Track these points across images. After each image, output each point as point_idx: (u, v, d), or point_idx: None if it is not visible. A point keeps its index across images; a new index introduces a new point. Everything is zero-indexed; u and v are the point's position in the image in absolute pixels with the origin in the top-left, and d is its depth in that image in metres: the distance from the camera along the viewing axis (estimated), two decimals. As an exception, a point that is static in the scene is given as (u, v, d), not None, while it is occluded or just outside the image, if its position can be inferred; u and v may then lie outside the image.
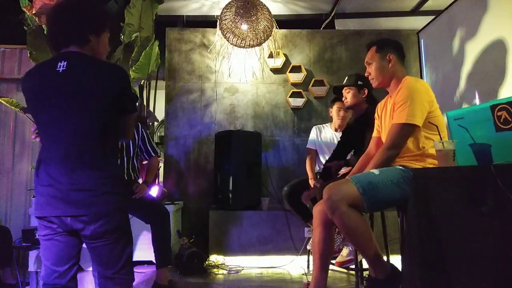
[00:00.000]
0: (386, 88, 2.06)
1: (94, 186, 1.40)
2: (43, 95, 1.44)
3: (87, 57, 1.49)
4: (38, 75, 1.48)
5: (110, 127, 1.49)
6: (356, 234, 1.73)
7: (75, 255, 1.48)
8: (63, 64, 1.43)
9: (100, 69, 1.48)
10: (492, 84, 2.84)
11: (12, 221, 4.13)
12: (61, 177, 1.38)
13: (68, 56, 1.46)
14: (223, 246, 3.27)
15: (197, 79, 4.04)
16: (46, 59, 1.59)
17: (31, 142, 4.29)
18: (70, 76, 1.42)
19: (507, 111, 1.27)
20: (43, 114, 1.45)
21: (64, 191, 1.37)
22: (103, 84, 1.45)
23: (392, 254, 2.29)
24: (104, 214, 1.39)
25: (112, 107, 1.46)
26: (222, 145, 3.49)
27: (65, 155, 1.40)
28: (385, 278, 1.78)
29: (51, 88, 1.43)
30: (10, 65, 4.33)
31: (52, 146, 1.43)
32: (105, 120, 1.45)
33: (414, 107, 1.79)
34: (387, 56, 1.98)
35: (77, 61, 1.46)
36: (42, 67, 1.52)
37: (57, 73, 1.42)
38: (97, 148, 1.43)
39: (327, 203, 1.70)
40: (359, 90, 2.64)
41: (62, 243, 1.44)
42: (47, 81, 1.44)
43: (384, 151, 1.84)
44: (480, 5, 2.98)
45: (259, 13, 3.55)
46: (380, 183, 1.71)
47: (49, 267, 1.45)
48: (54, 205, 1.38)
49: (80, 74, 1.44)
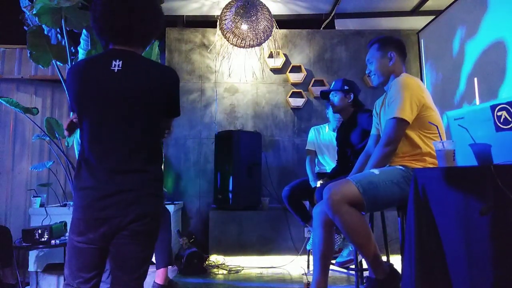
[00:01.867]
0: (385, 86, 2.06)
1: (140, 187, 1.37)
2: (94, 93, 1.38)
3: (141, 57, 1.45)
4: (90, 72, 1.41)
5: (158, 129, 1.47)
6: (356, 233, 1.73)
7: (101, 265, 1.44)
8: (118, 64, 1.38)
9: (155, 71, 1.43)
10: (492, 84, 2.84)
11: (12, 221, 4.13)
12: (107, 179, 1.34)
13: (123, 55, 1.41)
14: (223, 246, 3.27)
15: (197, 79, 4.04)
16: (92, 54, 1.52)
17: (31, 142, 4.29)
18: (125, 77, 1.37)
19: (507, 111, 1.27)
20: (92, 113, 1.39)
21: (109, 193, 1.33)
22: (158, 87, 1.41)
23: (392, 254, 2.29)
24: (146, 215, 1.37)
25: (162, 110, 1.44)
26: (222, 145, 3.49)
27: (113, 157, 1.36)
28: (384, 278, 1.78)
29: (104, 87, 1.37)
30: (10, 65, 4.33)
31: (99, 147, 1.38)
32: (155, 123, 1.43)
33: (403, 101, 1.78)
34: (388, 54, 1.98)
35: (132, 61, 1.41)
36: (93, 63, 1.45)
37: (111, 72, 1.37)
38: (145, 150, 1.41)
39: (328, 202, 1.70)
40: (345, 95, 2.72)
41: (92, 251, 1.38)
42: (100, 79, 1.38)
43: (381, 148, 1.84)
44: (480, 5, 2.98)
45: (259, 13, 3.55)
46: (381, 183, 1.71)
47: (74, 271, 1.40)
48: (96, 207, 1.34)
49: (136, 75, 1.39)
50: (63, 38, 3.35)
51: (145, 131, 1.41)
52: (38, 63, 3.52)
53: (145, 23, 1.45)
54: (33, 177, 4.30)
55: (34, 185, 4.02)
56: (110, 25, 1.43)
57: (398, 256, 2.28)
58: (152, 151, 1.44)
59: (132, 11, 1.42)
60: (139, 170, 1.38)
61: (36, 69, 4.34)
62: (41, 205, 3.34)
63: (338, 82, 2.78)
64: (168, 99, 1.45)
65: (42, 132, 3.66)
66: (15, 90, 4.36)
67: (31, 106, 4.02)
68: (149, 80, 1.41)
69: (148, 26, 1.47)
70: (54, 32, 3.44)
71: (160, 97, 1.43)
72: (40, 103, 4.43)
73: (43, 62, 3.51)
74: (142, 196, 1.37)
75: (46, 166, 3.76)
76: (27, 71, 4.35)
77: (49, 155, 4.33)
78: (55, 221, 2.90)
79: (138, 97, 1.39)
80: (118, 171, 1.36)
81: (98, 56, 1.48)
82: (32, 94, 4.44)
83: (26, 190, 4.23)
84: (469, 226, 1.22)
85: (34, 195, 3.38)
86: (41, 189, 3.86)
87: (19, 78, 4.34)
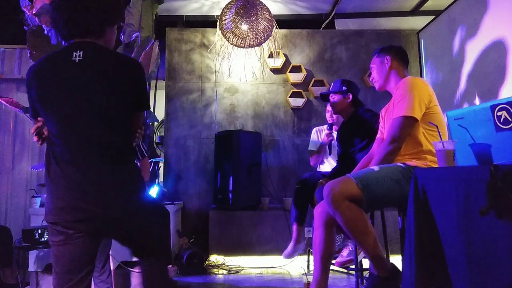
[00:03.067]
0: (388, 89, 2.10)
1: (118, 182, 1.36)
2: (57, 86, 1.35)
3: (102, 48, 1.42)
4: (51, 65, 1.38)
5: (125, 124, 1.42)
6: (357, 229, 1.73)
7: (92, 261, 1.39)
8: (79, 54, 1.35)
9: (117, 60, 1.40)
10: (492, 84, 2.84)
11: (12, 221, 4.13)
12: (82, 173, 1.31)
13: (83, 46, 1.38)
14: (223, 246, 3.27)
15: (197, 79, 4.04)
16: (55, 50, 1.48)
17: (31, 142, 4.29)
18: (86, 66, 1.35)
19: (507, 111, 1.27)
20: (57, 106, 1.35)
21: (86, 187, 1.31)
22: (121, 77, 1.38)
23: (392, 254, 2.29)
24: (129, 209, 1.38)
25: (129, 101, 1.40)
26: (222, 145, 3.49)
27: (84, 151, 1.33)
28: (386, 275, 1.78)
29: (66, 78, 1.35)
30: (10, 65, 4.33)
31: (68, 141, 1.34)
32: (122, 115, 1.39)
33: (412, 100, 1.81)
34: (384, 59, 2.06)
35: (93, 52, 1.38)
36: (54, 56, 1.42)
37: (72, 63, 1.34)
38: (117, 142, 1.38)
39: (328, 199, 1.70)
40: (343, 96, 2.74)
41: (79, 246, 1.34)
42: (61, 70, 1.36)
43: (385, 145, 1.85)
44: (480, 5, 2.98)
45: (259, 13, 3.55)
46: (380, 180, 1.72)
47: (61, 275, 1.35)
48: (77, 206, 1.30)
49: (97, 64, 1.36)
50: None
51: (111, 125, 1.37)
52: (38, 63, 3.52)
53: (97, 14, 1.42)
54: (33, 177, 4.31)
55: (34, 185, 4.02)
56: (64, 18, 1.40)
57: (398, 256, 2.28)
58: (125, 143, 1.42)
59: (83, 3, 1.40)
60: (115, 163, 1.36)
61: (36, 69, 4.34)
62: (41, 205, 3.34)
63: (337, 83, 2.80)
64: (134, 89, 1.41)
65: (42, 132, 3.65)
66: (15, 90, 4.36)
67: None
68: (112, 70, 1.37)
69: (100, 16, 1.43)
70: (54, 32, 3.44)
71: (125, 86, 1.39)
72: (40, 103, 4.43)
73: (43, 62, 3.51)
74: (119, 190, 1.36)
75: (46, 166, 3.76)
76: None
77: (49, 155, 4.33)
78: (55, 221, 2.89)
79: (102, 86, 1.35)
80: (92, 165, 1.33)
81: (58, 51, 1.43)
82: (32, 94, 4.43)
83: (26, 190, 4.23)
84: (469, 226, 1.22)
85: (34, 195, 3.38)
86: (41, 189, 3.86)
87: (19, 78, 4.34)
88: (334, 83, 2.82)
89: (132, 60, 1.48)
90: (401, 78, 2.01)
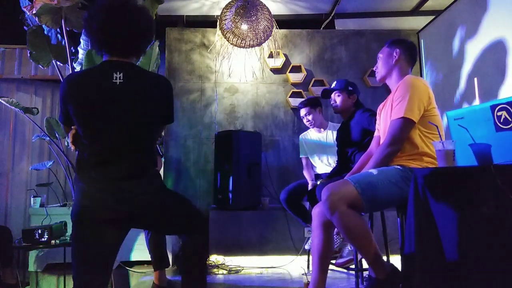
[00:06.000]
0: (388, 83, 2.08)
1: (143, 190, 1.50)
2: (96, 106, 1.45)
3: (139, 69, 1.54)
4: (91, 82, 1.47)
5: (155, 137, 1.62)
6: (355, 234, 1.72)
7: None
8: (119, 76, 1.45)
9: (152, 81, 1.52)
10: (492, 84, 2.84)
11: (12, 221, 4.13)
12: (114, 175, 1.45)
13: (123, 67, 1.48)
14: (223, 246, 3.26)
15: (197, 79, 4.04)
16: (90, 66, 1.64)
17: (31, 142, 4.29)
18: (126, 89, 1.45)
19: (507, 111, 1.27)
20: (95, 122, 1.46)
21: (120, 194, 1.46)
22: (158, 98, 1.52)
23: (392, 254, 2.29)
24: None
25: (159, 116, 1.56)
26: (222, 145, 3.49)
27: (116, 157, 1.46)
28: (385, 278, 1.78)
29: (106, 100, 1.45)
30: (10, 65, 4.34)
31: (101, 148, 1.46)
32: (153, 128, 1.56)
33: (412, 101, 1.80)
34: (394, 51, 2.03)
35: (132, 73, 1.49)
36: (92, 73, 1.53)
37: (113, 85, 1.44)
38: (147, 156, 1.54)
39: (326, 203, 1.69)
40: (349, 96, 2.77)
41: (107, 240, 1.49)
42: (102, 91, 1.45)
43: (384, 147, 1.84)
44: (480, 5, 2.98)
45: (259, 13, 3.55)
46: (379, 183, 1.71)
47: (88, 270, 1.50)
48: (110, 206, 1.45)
49: (136, 87, 1.47)
50: (63, 38, 3.36)
51: (146, 141, 1.52)
52: (38, 63, 3.52)
53: (142, 36, 1.52)
54: (33, 177, 4.31)
55: (34, 185, 4.02)
56: (109, 37, 1.47)
57: (398, 256, 2.28)
58: (153, 157, 1.58)
59: (131, 24, 1.47)
60: (143, 175, 1.51)
61: (36, 69, 4.34)
62: (41, 205, 3.34)
63: (341, 82, 2.79)
64: (165, 106, 1.56)
65: (42, 132, 3.66)
66: (15, 90, 4.37)
67: (31, 106, 4.02)
68: (149, 90, 1.49)
69: (144, 37, 1.54)
70: (54, 32, 3.44)
71: (161, 107, 1.53)
72: (40, 103, 4.44)
73: (43, 62, 3.51)
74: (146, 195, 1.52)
75: (46, 166, 3.76)
76: (27, 71, 4.36)
77: (49, 155, 4.34)
78: (55, 221, 2.89)
79: (138, 106, 1.47)
80: (126, 175, 1.47)
81: (96, 68, 1.53)
82: (32, 94, 4.44)
83: (26, 190, 4.23)
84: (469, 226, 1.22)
85: (34, 195, 3.38)
86: (41, 189, 3.86)
87: (19, 78, 4.34)
88: (338, 81, 2.81)
89: (164, 79, 1.63)
90: (403, 75, 1.99)
